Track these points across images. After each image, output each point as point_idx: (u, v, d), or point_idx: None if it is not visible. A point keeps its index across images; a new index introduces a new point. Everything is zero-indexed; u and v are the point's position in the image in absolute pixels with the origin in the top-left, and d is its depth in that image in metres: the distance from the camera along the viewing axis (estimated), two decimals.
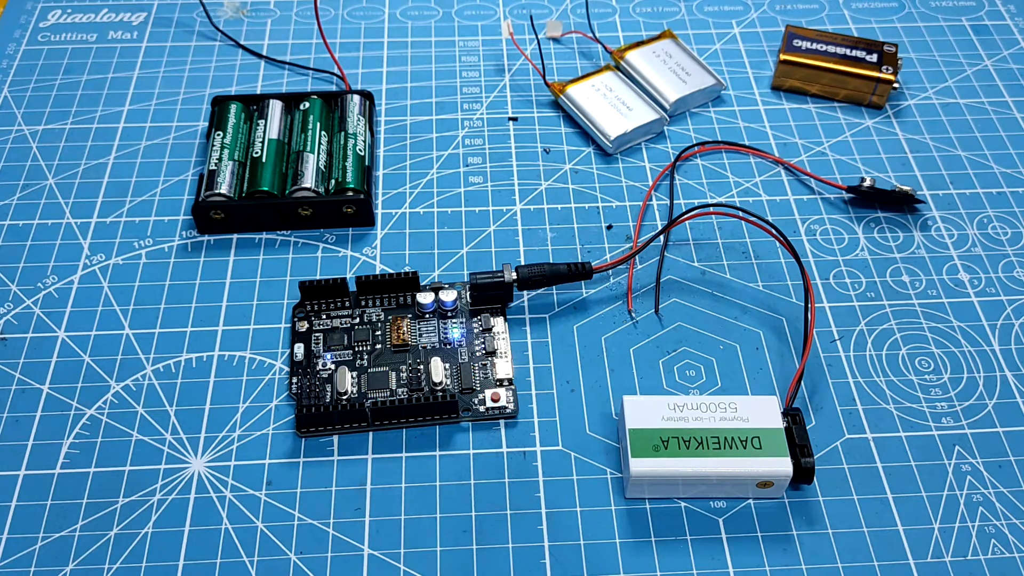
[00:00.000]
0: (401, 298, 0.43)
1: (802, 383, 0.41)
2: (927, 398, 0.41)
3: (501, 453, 0.39)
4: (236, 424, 0.40)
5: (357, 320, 0.42)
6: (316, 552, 0.36)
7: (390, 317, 0.42)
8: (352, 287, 0.43)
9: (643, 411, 0.37)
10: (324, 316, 0.42)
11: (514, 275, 0.42)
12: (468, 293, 0.43)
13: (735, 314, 0.44)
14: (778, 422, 0.37)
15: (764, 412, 0.37)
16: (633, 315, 0.44)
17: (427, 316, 0.42)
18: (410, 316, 0.42)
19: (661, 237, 0.46)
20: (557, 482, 0.38)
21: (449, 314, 0.42)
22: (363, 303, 0.43)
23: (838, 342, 0.43)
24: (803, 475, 0.37)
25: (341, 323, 0.42)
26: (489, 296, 0.43)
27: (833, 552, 0.36)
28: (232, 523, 0.37)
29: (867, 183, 0.47)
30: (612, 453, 0.39)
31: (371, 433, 0.39)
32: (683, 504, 0.37)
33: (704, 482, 0.36)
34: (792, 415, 0.38)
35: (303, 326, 0.42)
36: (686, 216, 0.45)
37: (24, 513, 0.37)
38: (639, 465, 0.36)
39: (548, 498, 0.38)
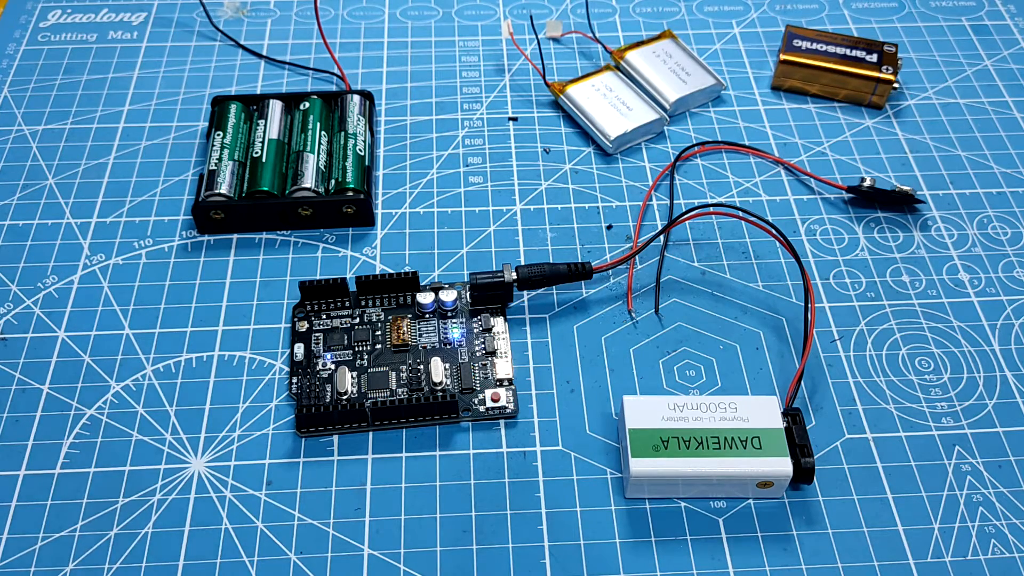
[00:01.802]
0: (401, 298, 0.43)
1: (802, 383, 0.41)
2: (927, 398, 0.41)
3: (501, 453, 0.39)
4: (236, 424, 0.40)
5: (357, 320, 0.42)
6: (316, 552, 0.36)
7: (390, 317, 0.42)
8: (352, 287, 0.44)
9: (643, 411, 0.37)
10: (324, 316, 0.42)
11: (514, 275, 0.42)
12: (468, 293, 0.43)
13: (735, 314, 0.44)
14: (778, 422, 0.37)
15: (764, 412, 0.37)
16: (633, 315, 0.43)
17: (427, 316, 0.42)
18: (410, 316, 0.42)
19: (661, 237, 0.46)
20: (557, 482, 0.38)
21: (449, 314, 0.42)
22: (363, 303, 0.43)
23: (838, 342, 0.43)
24: (803, 475, 0.37)
25: (341, 323, 0.42)
26: (489, 296, 0.43)
27: (833, 552, 0.36)
28: (232, 523, 0.37)
29: (867, 183, 0.47)
30: (612, 453, 0.39)
31: (371, 433, 0.39)
32: (683, 504, 0.37)
33: (704, 482, 0.36)
34: (792, 415, 0.38)
35: (303, 326, 0.42)
36: (686, 216, 0.45)
37: (24, 513, 0.37)
38: (639, 465, 0.36)
39: (548, 498, 0.38)
